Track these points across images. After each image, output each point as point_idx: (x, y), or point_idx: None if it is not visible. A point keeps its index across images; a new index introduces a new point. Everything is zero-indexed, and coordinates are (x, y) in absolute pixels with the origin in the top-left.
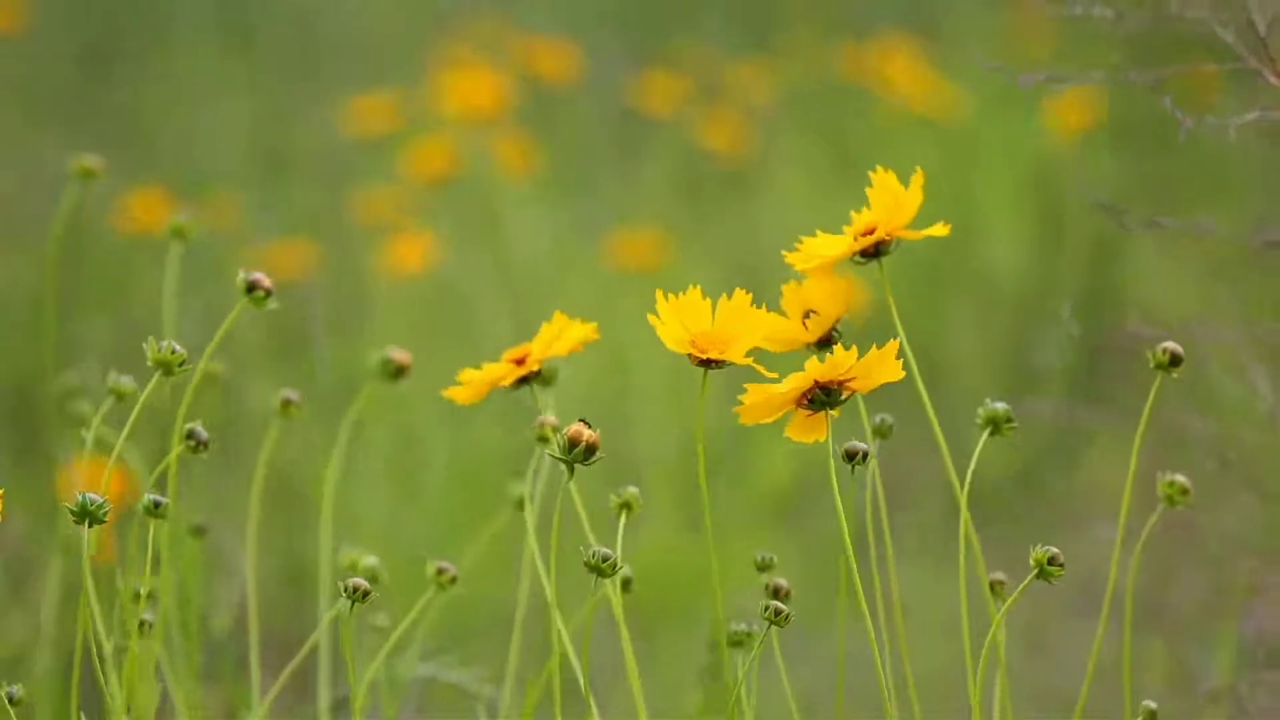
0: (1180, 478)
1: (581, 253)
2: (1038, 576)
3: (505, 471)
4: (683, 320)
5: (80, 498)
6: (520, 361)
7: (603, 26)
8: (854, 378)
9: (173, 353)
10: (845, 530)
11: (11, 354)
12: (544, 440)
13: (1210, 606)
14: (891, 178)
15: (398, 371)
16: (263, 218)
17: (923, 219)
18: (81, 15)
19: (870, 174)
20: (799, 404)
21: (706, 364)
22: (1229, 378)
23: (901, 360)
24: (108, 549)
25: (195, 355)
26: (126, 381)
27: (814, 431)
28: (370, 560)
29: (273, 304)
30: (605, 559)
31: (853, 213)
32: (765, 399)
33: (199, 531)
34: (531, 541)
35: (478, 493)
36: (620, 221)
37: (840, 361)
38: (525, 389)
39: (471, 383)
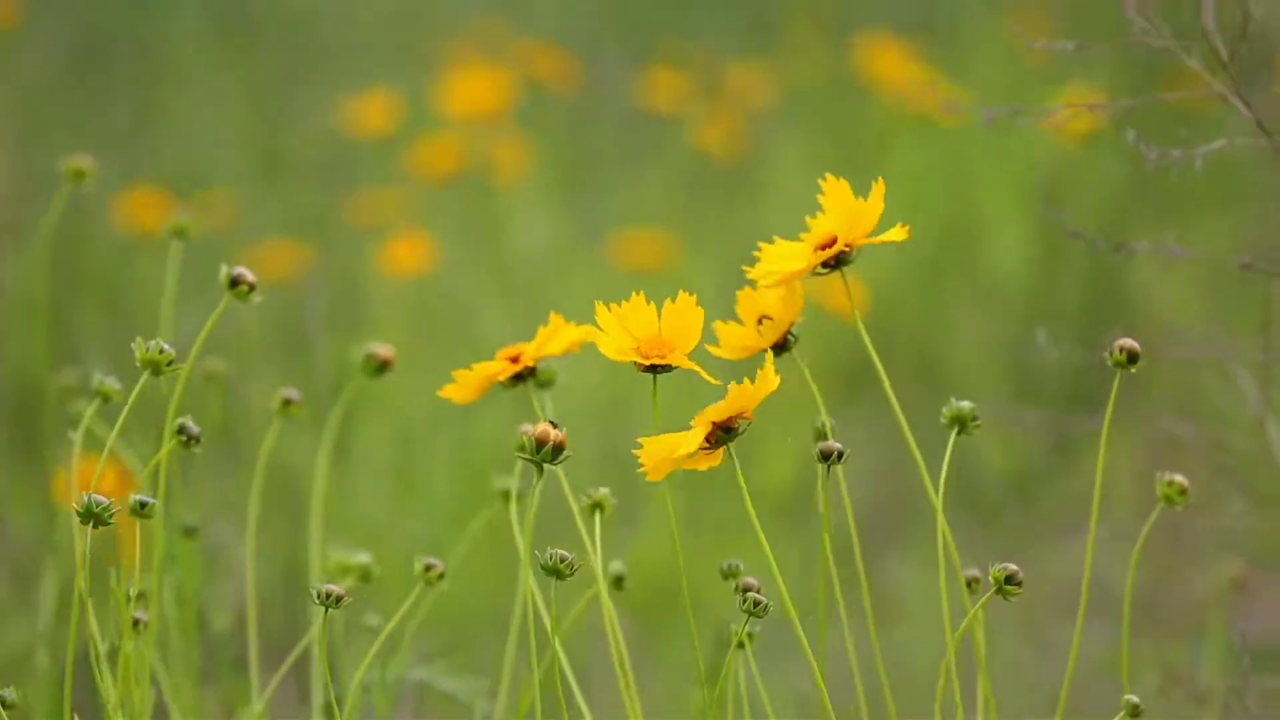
0: (1178, 477)
1: (584, 253)
2: (996, 593)
3: (506, 470)
4: (628, 327)
5: (85, 499)
6: (515, 360)
7: (601, 27)
8: (746, 407)
9: (160, 352)
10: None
11: (12, 354)
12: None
13: (1201, 607)
14: (844, 186)
15: (381, 367)
16: (261, 217)
17: (921, 221)
18: (78, 13)
19: (820, 181)
20: (701, 449)
21: (653, 369)
22: (1223, 383)
23: (774, 367)
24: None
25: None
26: (112, 383)
27: (711, 461)
28: (362, 558)
29: (257, 298)
30: (563, 560)
31: (808, 219)
32: (669, 455)
33: (191, 532)
34: (520, 543)
35: (479, 492)
36: (623, 222)
37: (739, 398)
38: (527, 391)
39: (466, 381)
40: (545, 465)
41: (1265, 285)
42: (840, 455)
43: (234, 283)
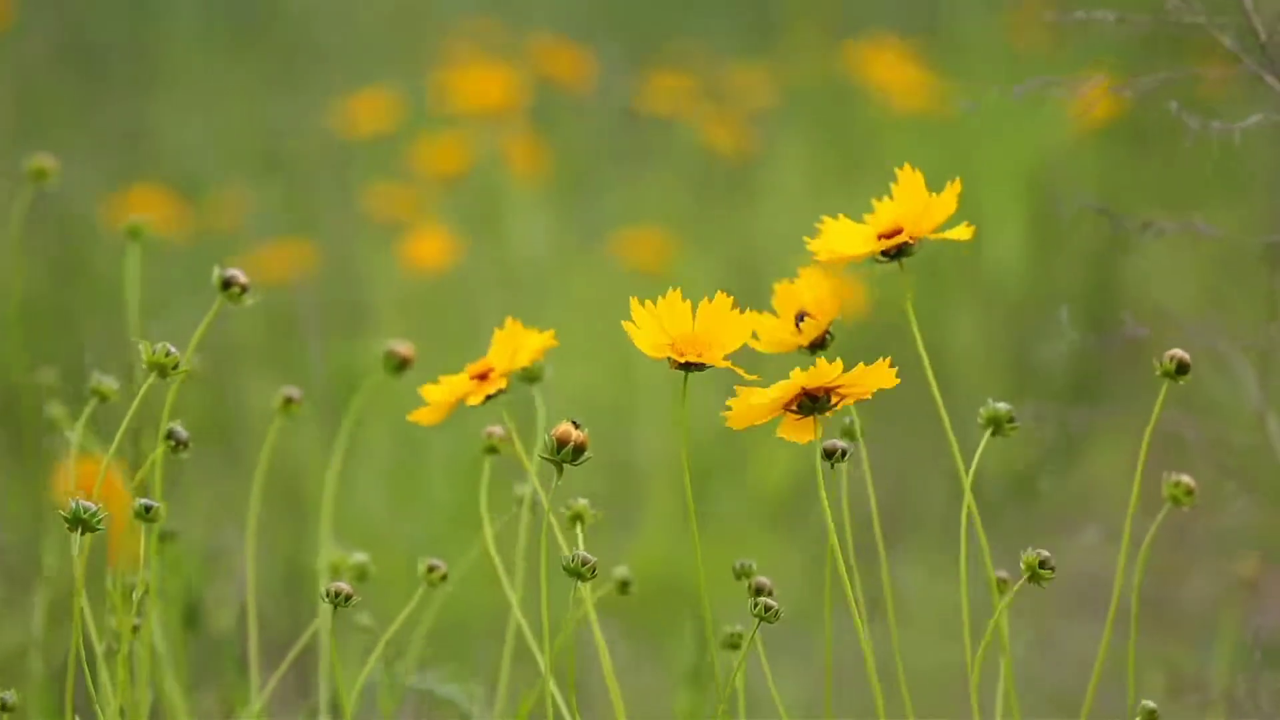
0: (1185, 478)
1: (587, 252)
2: (1029, 580)
3: (507, 471)
4: (663, 324)
5: (73, 505)
6: (483, 377)
7: (599, 27)
8: (843, 385)
9: (167, 355)
10: (833, 534)
11: (6, 354)
12: (493, 450)
13: (1210, 607)
14: (919, 177)
15: (401, 364)
16: (263, 217)
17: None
18: (74, 12)
19: (897, 170)
20: (787, 409)
21: (686, 367)
22: (1226, 378)
23: (896, 369)
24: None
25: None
26: (109, 382)
27: (805, 432)
28: (358, 558)
29: (250, 300)
30: (585, 563)
31: (875, 201)
32: (750, 406)
33: (168, 536)
34: (491, 549)
35: (478, 493)
36: (623, 222)
37: (824, 371)
38: (525, 390)
39: (435, 403)
40: (553, 467)
41: (1271, 275)
42: (844, 454)
43: (226, 284)
